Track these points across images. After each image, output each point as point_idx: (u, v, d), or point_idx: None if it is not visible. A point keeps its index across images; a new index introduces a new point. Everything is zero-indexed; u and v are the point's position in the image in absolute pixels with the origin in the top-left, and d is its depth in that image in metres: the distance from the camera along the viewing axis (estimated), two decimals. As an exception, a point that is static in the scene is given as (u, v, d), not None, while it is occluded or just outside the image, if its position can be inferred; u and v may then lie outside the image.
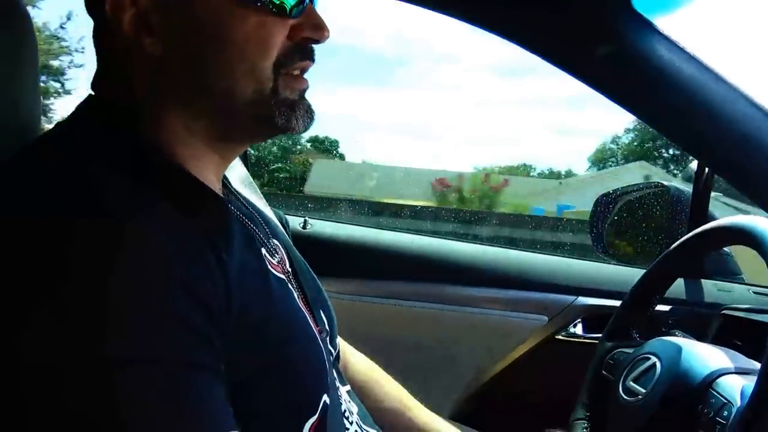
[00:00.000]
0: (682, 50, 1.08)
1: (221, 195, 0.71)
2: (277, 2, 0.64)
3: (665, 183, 1.64)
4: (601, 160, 30.75)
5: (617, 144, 31.45)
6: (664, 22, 1.04)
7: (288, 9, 0.65)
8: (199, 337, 0.53)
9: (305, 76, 0.70)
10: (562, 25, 1.06)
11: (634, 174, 18.23)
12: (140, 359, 0.49)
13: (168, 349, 0.51)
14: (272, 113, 0.66)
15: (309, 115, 0.69)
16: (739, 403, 0.80)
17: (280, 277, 0.72)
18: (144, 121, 0.65)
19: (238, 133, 0.70)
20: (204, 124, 0.67)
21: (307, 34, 0.68)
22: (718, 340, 1.21)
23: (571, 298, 1.53)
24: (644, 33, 1.07)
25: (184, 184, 0.65)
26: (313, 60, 0.70)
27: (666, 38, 1.07)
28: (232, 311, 0.58)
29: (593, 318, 1.51)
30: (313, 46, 0.70)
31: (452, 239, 1.71)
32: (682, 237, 1.08)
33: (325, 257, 0.91)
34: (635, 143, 29.86)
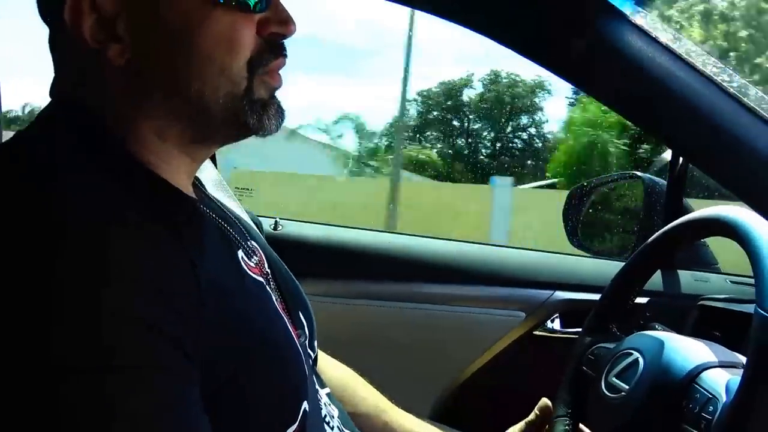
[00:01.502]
0: (656, 41, 1.08)
1: (193, 197, 0.70)
2: None
3: (639, 173, 1.64)
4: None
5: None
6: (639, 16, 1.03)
7: (252, 5, 0.63)
8: (170, 342, 0.52)
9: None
10: (535, 16, 1.04)
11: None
12: (108, 366, 0.48)
13: (137, 355, 0.49)
14: (245, 114, 0.65)
15: (280, 114, 0.68)
16: (724, 398, 0.78)
17: (258, 280, 0.70)
18: (110, 127, 0.63)
19: (210, 136, 0.69)
20: (175, 129, 0.65)
21: (274, 29, 0.66)
22: (696, 332, 1.20)
23: (548, 293, 1.52)
24: (618, 25, 1.06)
25: (154, 188, 0.63)
26: (285, 56, 0.68)
27: (640, 30, 1.06)
28: (205, 315, 0.56)
29: (571, 313, 1.50)
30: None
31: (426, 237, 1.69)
32: (657, 227, 1.07)
33: (298, 258, 0.89)
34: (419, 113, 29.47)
